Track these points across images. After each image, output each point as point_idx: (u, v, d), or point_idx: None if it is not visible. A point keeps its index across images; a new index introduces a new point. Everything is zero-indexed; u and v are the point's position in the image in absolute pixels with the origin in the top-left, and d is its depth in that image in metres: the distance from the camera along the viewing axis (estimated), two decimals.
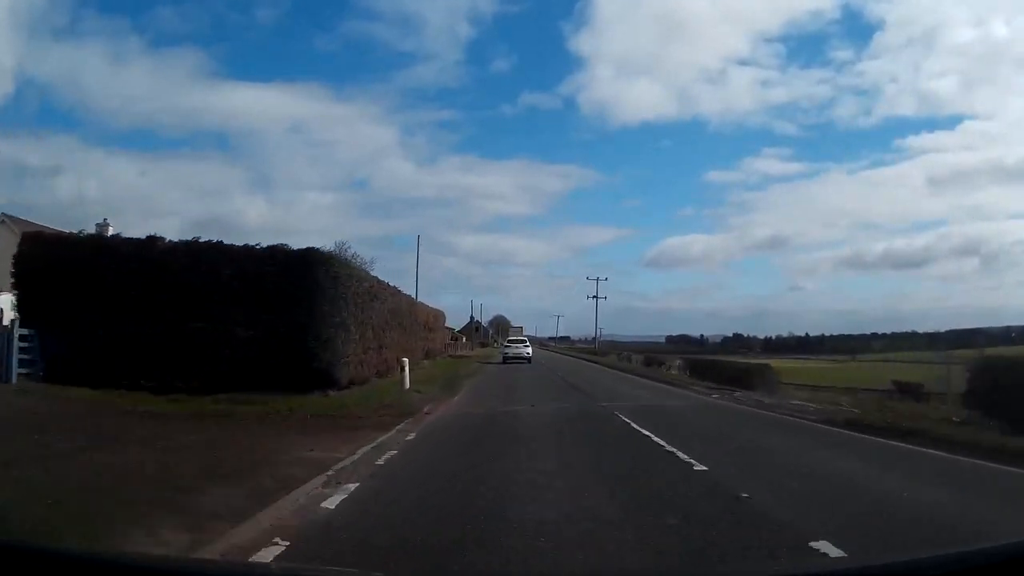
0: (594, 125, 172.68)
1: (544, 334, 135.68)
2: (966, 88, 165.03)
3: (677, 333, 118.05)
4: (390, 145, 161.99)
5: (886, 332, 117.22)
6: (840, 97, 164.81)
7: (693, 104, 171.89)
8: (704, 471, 7.82)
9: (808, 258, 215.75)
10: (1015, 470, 8.16)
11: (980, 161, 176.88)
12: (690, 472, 7.81)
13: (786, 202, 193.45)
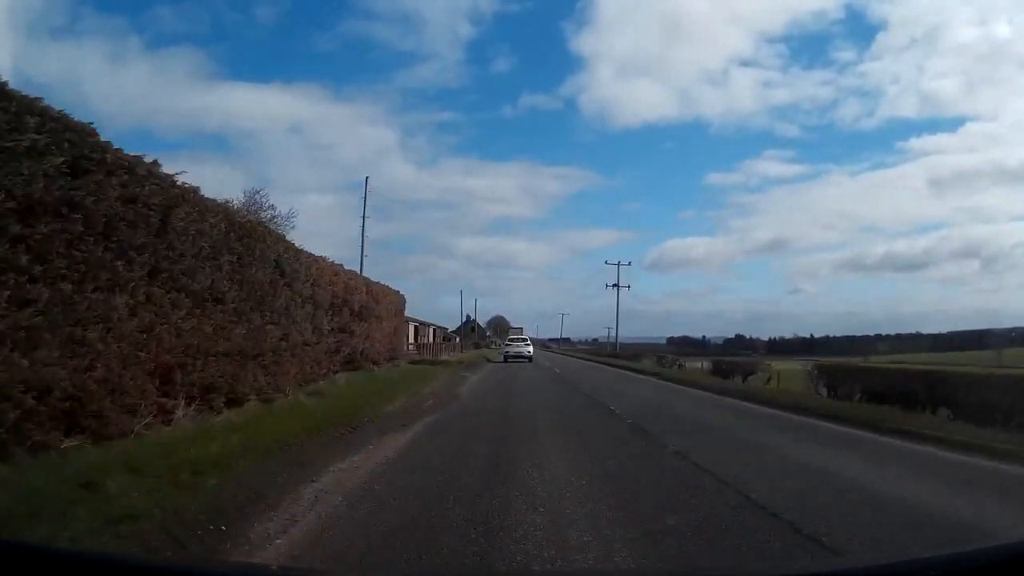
0: (595, 127, 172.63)
1: (544, 335, 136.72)
2: (968, 89, 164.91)
3: (678, 335, 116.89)
4: (390, 147, 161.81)
5: (889, 334, 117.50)
6: (842, 98, 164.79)
7: (695, 105, 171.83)
8: None
9: (808, 260, 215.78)
10: None
11: (981, 163, 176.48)
12: None
13: (787, 204, 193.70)
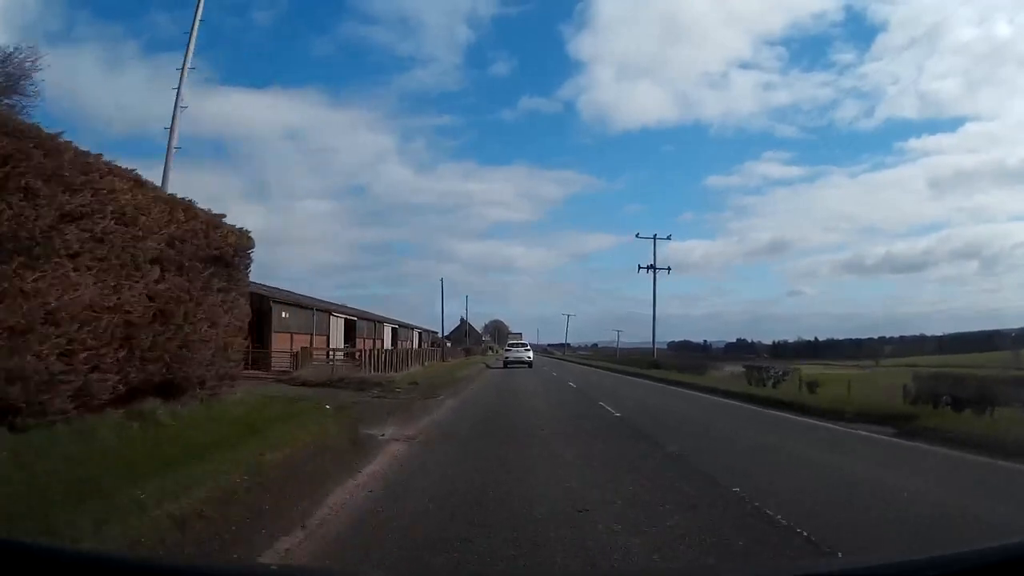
0: (594, 130, 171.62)
1: (544, 340, 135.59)
2: (968, 89, 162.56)
3: (679, 339, 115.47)
4: (388, 151, 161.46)
5: (892, 336, 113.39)
6: (841, 99, 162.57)
7: (694, 108, 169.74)
8: None
9: (808, 262, 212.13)
10: None
11: (982, 163, 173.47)
12: None
13: (786, 206, 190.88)
